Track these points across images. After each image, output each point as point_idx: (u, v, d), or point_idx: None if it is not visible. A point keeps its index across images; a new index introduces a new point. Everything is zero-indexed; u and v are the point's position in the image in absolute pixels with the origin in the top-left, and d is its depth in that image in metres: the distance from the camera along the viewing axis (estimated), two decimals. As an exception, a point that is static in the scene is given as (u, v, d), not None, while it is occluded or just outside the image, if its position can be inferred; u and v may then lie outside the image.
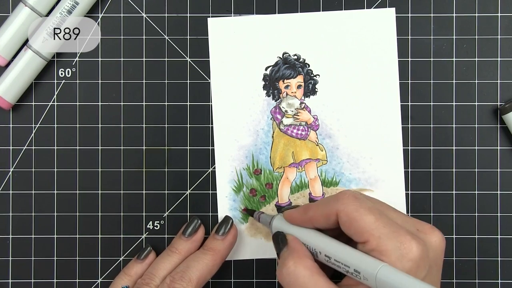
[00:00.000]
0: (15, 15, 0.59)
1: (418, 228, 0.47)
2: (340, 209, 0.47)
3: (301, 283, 0.46)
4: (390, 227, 0.45)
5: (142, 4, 0.61)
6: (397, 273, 0.42)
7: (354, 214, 0.46)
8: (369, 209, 0.46)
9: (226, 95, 0.61)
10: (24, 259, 0.61)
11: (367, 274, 0.43)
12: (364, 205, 0.46)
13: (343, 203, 0.47)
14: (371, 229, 0.45)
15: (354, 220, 0.46)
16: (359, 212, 0.46)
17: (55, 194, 0.61)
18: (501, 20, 0.61)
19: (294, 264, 0.47)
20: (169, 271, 0.57)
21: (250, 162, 0.61)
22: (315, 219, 0.49)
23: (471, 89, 0.61)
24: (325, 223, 0.48)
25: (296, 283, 0.46)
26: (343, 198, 0.47)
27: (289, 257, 0.48)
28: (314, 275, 0.46)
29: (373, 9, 0.61)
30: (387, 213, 0.47)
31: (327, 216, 0.48)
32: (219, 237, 0.59)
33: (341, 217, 0.47)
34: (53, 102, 0.61)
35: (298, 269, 0.46)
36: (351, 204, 0.46)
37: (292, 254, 0.48)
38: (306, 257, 0.48)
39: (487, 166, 0.61)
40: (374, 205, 0.47)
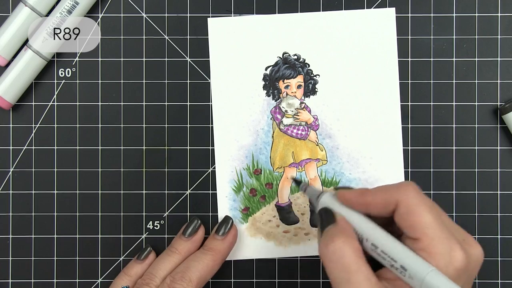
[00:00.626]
0: (15, 15, 0.58)
1: (464, 239, 0.46)
2: (402, 199, 0.45)
3: (345, 263, 0.44)
4: (445, 232, 0.44)
5: (142, 4, 0.61)
6: (446, 280, 0.41)
7: (414, 208, 0.44)
8: (430, 207, 0.45)
9: (226, 95, 0.61)
10: (24, 259, 0.61)
11: (415, 274, 0.42)
12: (426, 202, 0.45)
13: (406, 194, 0.45)
14: (427, 228, 0.44)
15: (413, 214, 0.44)
16: (420, 207, 0.44)
17: (55, 194, 0.61)
18: (501, 20, 0.61)
19: (342, 242, 0.45)
20: (169, 271, 0.57)
21: (250, 162, 0.61)
22: (372, 205, 0.47)
23: (471, 89, 0.61)
24: (382, 210, 0.47)
25: (339, 261, 0.44)
26: (406, 188, 0.46)
27: (338, 234, 0.46)
28: (359, 260, 0.44)
29: (373, 9, 0.61)
30: (442, 216, 0.46)
31: (386, 204, 0.46)
32: (219, 237, 0.58)
33: (401, 207, 0.45)
34: (53, 102, 0.61)
35: (345, 248, 0.45)
36: (414, 197, 0.45)
37: (342, 232, 0.46)
38: (355, 238, 0.46)
39: (487, 166, 0.61)
40: (433, 204, 0.46)
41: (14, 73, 0.58)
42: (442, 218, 0.45)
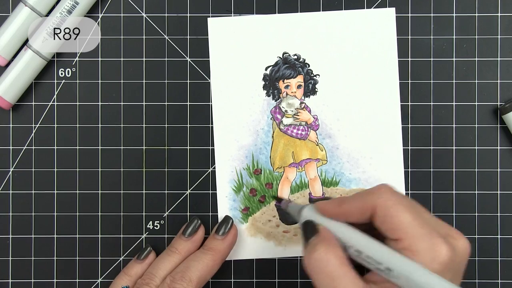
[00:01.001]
0: (15, 15, 0.58)
1: (448, 233, 0.46)
2: (377, 203, 0.45)
3: (329, 271, 0.44)
4: (425, 228, 0.44)
5: (142, 4, 0.61)
6: (432, 276, 0.41)
7: (391, 210, 0.44)
8: (407, 207, 0.45)
9: (226, 95, 0.61)
10: (24, 259, 0.61)
11: (400, 273, 0.42)
12: (402, 202, 0.45)
13: (381, 197, 0.45)
14: (407, 228, 0.44)
15: (391, 216, 0.44)
16: (397, 208, 0.44)
17: (55, 194, 0.61)
18: (501, 20, 0.61)
19: (325, 251, 0.45)
20: (169, 271, 0.57)
21: (250, 162, 0.61)
22: (349, 213, 0.47)
23: (471, 89, 0.61)
24: (360, 217, 0.47)
25: (324, 270, 0.45)
26: (380, 192, 0.46)
27: (320, 243, 0.46)
28: (344, 266, 0.44)
29: (373, 9, 0.61)
30: (422, 213, 0.46)
31: (362, 210, 0.46)
32: (219, 237, 0.58)
33: (378, 211, 0.45)
34: (53, 102, 0.61)
35: (328, 256, 0.45)
36: (389, 199, 0.45)
37: (324, 241, 0.46)
38: (338, 246, 0.46)
39: (487, 166, 0.61)
40: (411, 203, 0.46)
41: (14, 73, 0.58)
42: (421, 215, 0.45)
